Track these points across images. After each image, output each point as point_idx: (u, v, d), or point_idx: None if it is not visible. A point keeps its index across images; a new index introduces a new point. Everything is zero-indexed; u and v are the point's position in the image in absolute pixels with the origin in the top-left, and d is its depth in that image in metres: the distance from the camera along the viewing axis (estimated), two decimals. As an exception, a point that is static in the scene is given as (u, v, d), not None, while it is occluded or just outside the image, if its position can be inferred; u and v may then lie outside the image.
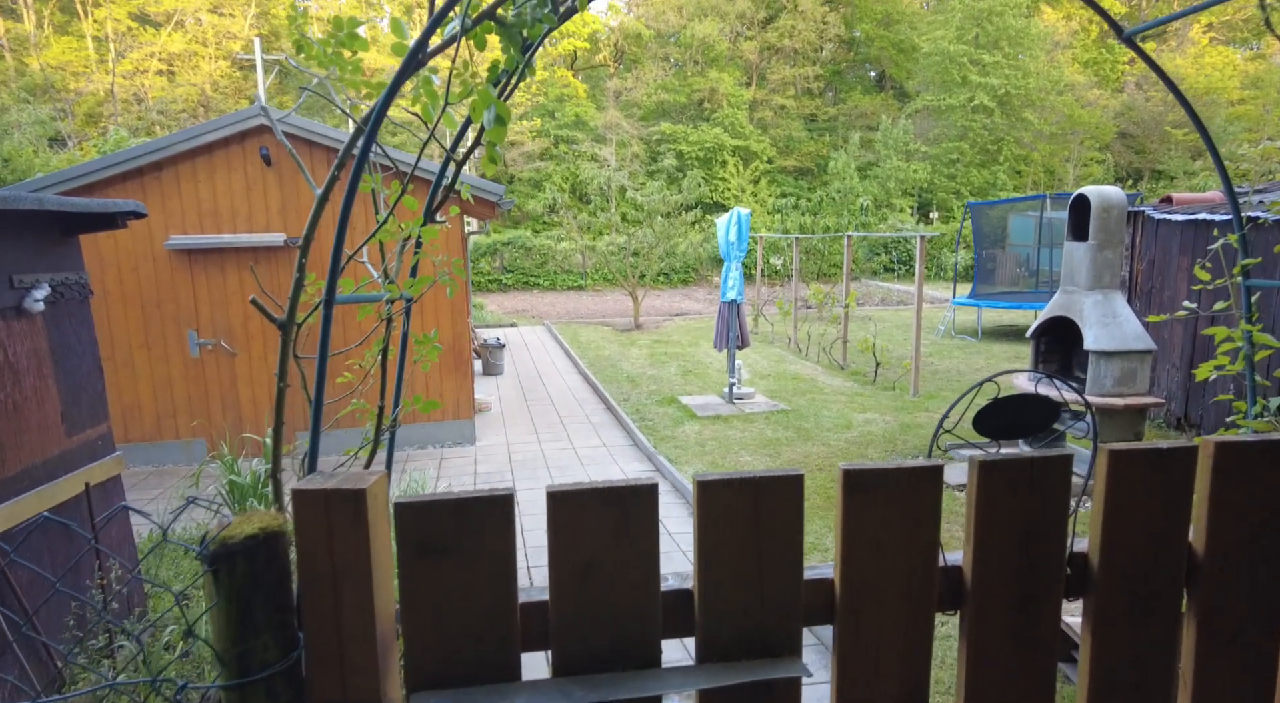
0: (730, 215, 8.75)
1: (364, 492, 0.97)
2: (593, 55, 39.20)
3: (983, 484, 1.13)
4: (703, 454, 7.26)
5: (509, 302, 22.87)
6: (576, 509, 1.05)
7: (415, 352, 1.61)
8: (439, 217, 1.47)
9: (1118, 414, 5.73)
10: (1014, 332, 15.26)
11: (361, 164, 1.09)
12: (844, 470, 1.09)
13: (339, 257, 1.12)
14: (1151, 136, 36.91)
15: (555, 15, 1.20)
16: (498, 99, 1.15)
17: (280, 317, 1.11)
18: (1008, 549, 1.15)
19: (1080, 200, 5.90)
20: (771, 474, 1.06)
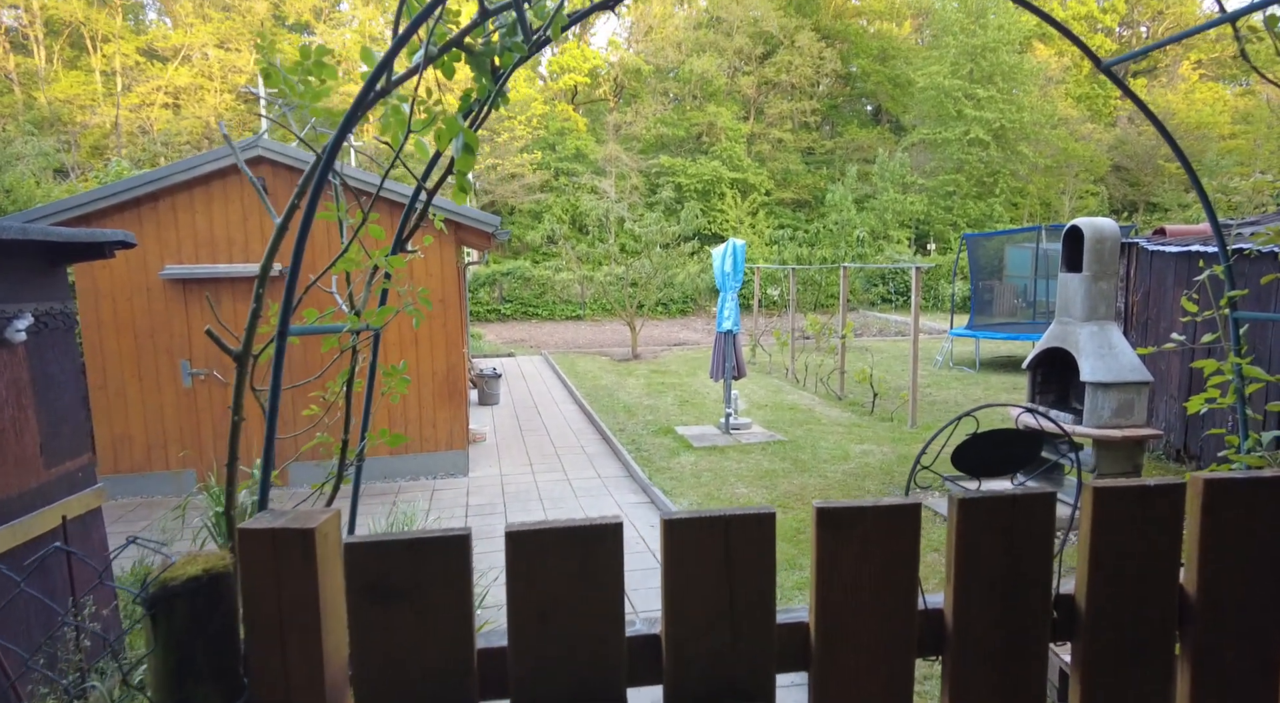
0: (725, 246, 8.78)
1: (313, 531, 0.93)
2: (593, 90, 39.80)
3: (963, 523, 1.08)
4: (698, 486, 7.18)
5: (508, 331, 22.88)
6: (536, 550, 1.00)
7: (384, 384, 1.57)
8: (410, 246, 1.45)
9: (1116, 446, 5.67)
10: (1012, 363, 15.23)
11: (317, 193, 1.06)
12: (818, 508, 1.05)
13: (294, 286, 1.08)
14: (1145, 169, 37.33)
15: (527, 45, 1.19)
16: (467, 128, 1.13)
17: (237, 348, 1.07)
18: (990, 591, 1.10)
19: (1074, 232, 5.92)
20: (742, 513, 1.02)
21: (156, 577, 0.92)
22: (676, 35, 38.06)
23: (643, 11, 40.45)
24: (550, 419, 10.72)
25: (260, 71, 1.18)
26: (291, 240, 1.17)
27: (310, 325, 1.28)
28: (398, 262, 1.37)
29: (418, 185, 1.35)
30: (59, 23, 32.07)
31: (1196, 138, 36.59)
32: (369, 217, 1.29)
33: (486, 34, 1.18)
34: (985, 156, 33.81)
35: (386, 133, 1.31)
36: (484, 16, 1.18)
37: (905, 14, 41.67)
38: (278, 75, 1.15)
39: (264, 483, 1.07)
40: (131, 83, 32.92)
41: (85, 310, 6.99)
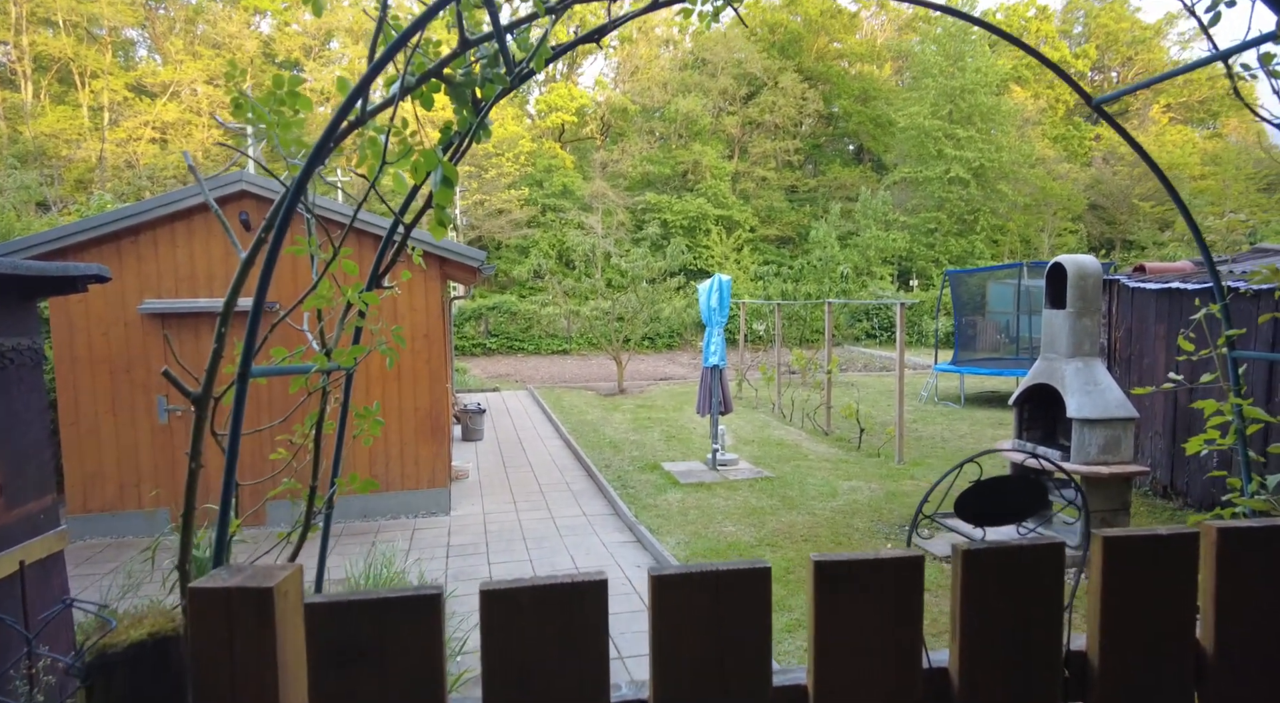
0: (712, 281, 8.79)
1: (270, 591, 0.85)
2: (580, 128, 40.34)
3: (968, 576, 1.02)
4: (685, 524, 7.06)
5: (493, 366, 22.74)
6: (512, 610, 0.93)
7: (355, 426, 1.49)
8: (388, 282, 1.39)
9: (1104, 483, 5.64)
10: (996, 398, 15.28)
11: (284, 226, 1.01)
12: (816, 562, 0.99)
13: (256, 325, 1.02)
14: (1121, 208, 38.17)
15: (509, 77, 1.16)
16: (446, 161, 1.09)
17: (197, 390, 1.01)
18: (998, 649, 1.03)
19: (1057, 269, 5.97)
20: (735, 568, 0.95)
21: (95, 643, 0.84)
22: (662, 76, 38.80)
23: (629, 52, 41.29)
24: (535, 455, 10.58)
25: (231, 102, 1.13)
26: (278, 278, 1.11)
27: (275, 366, 1.22)
28: (372, 298, 1.31)
29: (394, 219, 1.30)
30: (48, 58, 32.22)
31: (1170, 178, 37.38)
32: (340, 251, 1.24)
33: (467, 65, 1.15)
34: (966, 195, 34.44)
35: (362, 165, 1.26)
36: (465, 47, 1.14)
37: (885, 57, 42.81)
38: (247, 105, 1.10)
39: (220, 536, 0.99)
40: (118, 118, 33.01)
41: (59, 345, 6.84)
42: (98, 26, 33.50)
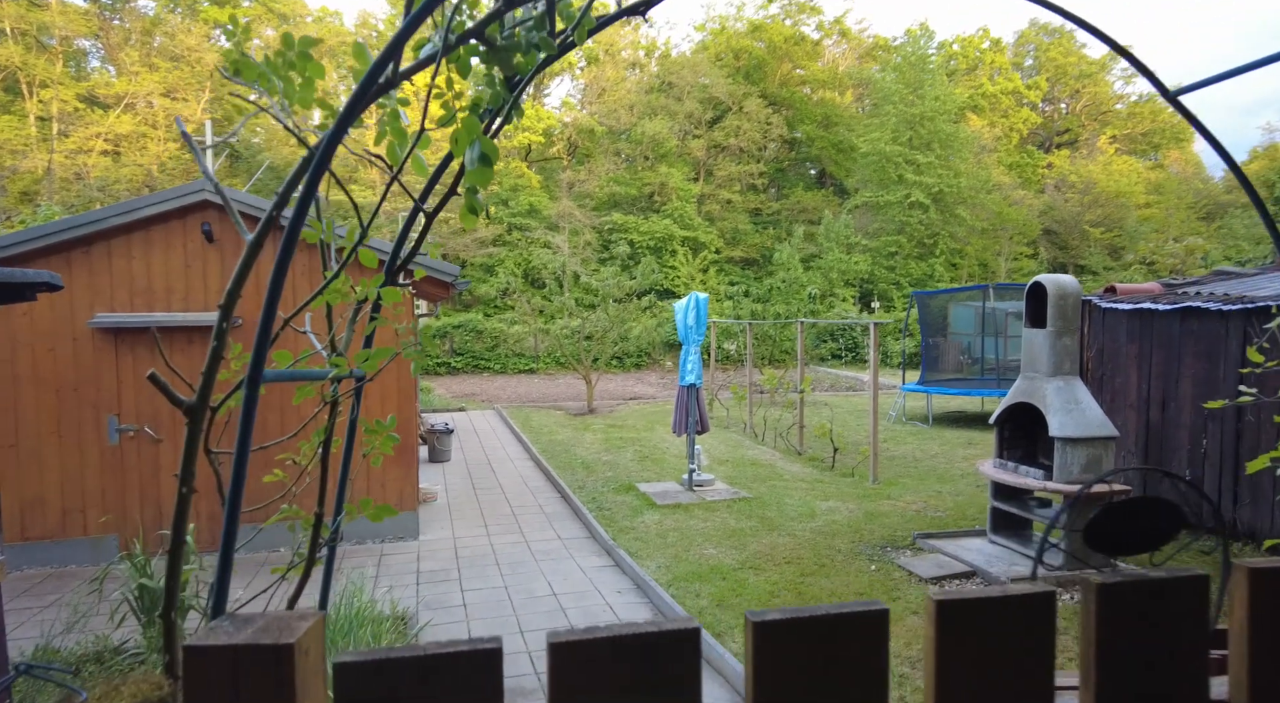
0: (688, 299, 8.70)
1: (290, 649, 0.68)
2: (547, 148, 40.31)
3: (1102, 615, 0.89)
4: (665, 547, 6.87)
5: (458, 385, 22.32)
6: (585, 665, 0.76)
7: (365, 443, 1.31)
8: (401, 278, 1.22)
9: (1087, 502, 5.63)
10: (963, 417, 15.45)
11: (306, 203, 0.85)
12: (936, 602, 0.84)
13: (270, 321, 0.85)
14: (1072, 234, 39.44)
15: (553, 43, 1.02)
16: (485, 136, 0.95)
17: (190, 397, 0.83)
18: (1135, 698, 0.90)
19: (1036, 288, 6.00)
20: (850, 611, 0.80)
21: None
22: (629, 98, 39.07)
23: (596, 74, 41.52)
24: (505, 477, 10.30)
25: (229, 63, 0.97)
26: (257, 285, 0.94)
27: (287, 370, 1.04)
28: (393, 294, 1.14)
29: (415, 206, 1.14)
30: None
31: (1117, 206, 38.99)
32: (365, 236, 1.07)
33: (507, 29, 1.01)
34: (925, 219, 35.20)
35: (380, 145, 1.11)
36: (510, 5, 1.00)
37: (847, 84, 43.78)
38: (253, 69, 0.94)
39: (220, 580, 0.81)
40: (69, 128, 31.96)
41: (0, 363, 6.42)
42: (48, 35, 32.49)
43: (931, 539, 6.73)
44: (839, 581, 5.90)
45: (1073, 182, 40.42)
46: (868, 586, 5.77)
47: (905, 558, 6.39)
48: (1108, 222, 39.12)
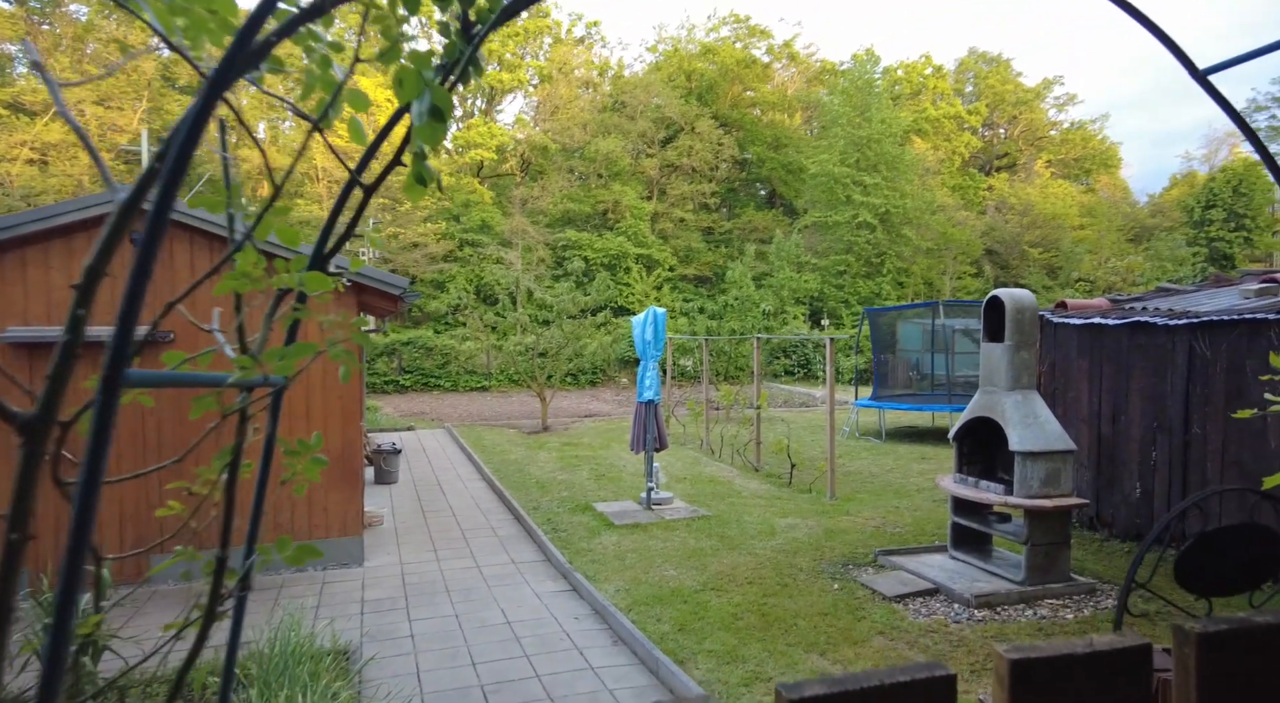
0: (646, 314, 8.55)
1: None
2: (499, 165, 40.00)
3: (1204, 669, 0.73)
4: (623, 569, 6.64)
5: (407, 404, 21.70)
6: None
7: (286, 467, 1.08)
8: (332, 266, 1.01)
9: (1047, 516, 5.63)
10: (914, 432, 15.63)
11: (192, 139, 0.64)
12: (1011, 662, 0.67)
13: (136, 301, 0.65)
14: (1013, 254, 40.81)
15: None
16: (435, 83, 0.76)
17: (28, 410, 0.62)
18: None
19: (994, 302, 6.02)
20: (904, 680, 0.63)
21: None
22: (582, 117, 39.09)
23: (549, 92, 41.47)
24: (456, 498, 9.92)
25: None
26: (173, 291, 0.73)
27: (168, 372, 0.82)
28: (320, 282, 0.93)
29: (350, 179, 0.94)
30: (-94, 70, 29.40)
31: (1054, 227, 40.54)
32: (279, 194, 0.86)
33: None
34: (873, 239, 35.96)
35: (310, 96, 0.91)
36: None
37: (796, 106, 44.67)
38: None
39: (49, 675, 0.58)
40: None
41: (-103, 379, 5.86)
42: (-31, 38, 30.93)
43: (893, 556, 6.65)
44: (803, 601, 5.77)
45: (1012, 204, 41.92)
46: (831, 606, 5.64)
47: (868, 576, 6.29)
48: (1045, 242, 40.62)
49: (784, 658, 4.77)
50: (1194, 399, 6.36)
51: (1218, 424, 6.20)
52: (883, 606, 5.63)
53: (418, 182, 0.87)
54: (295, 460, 1.01)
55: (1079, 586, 5.68)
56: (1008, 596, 5.53)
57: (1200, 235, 38.55)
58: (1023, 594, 5.54)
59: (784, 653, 4.85)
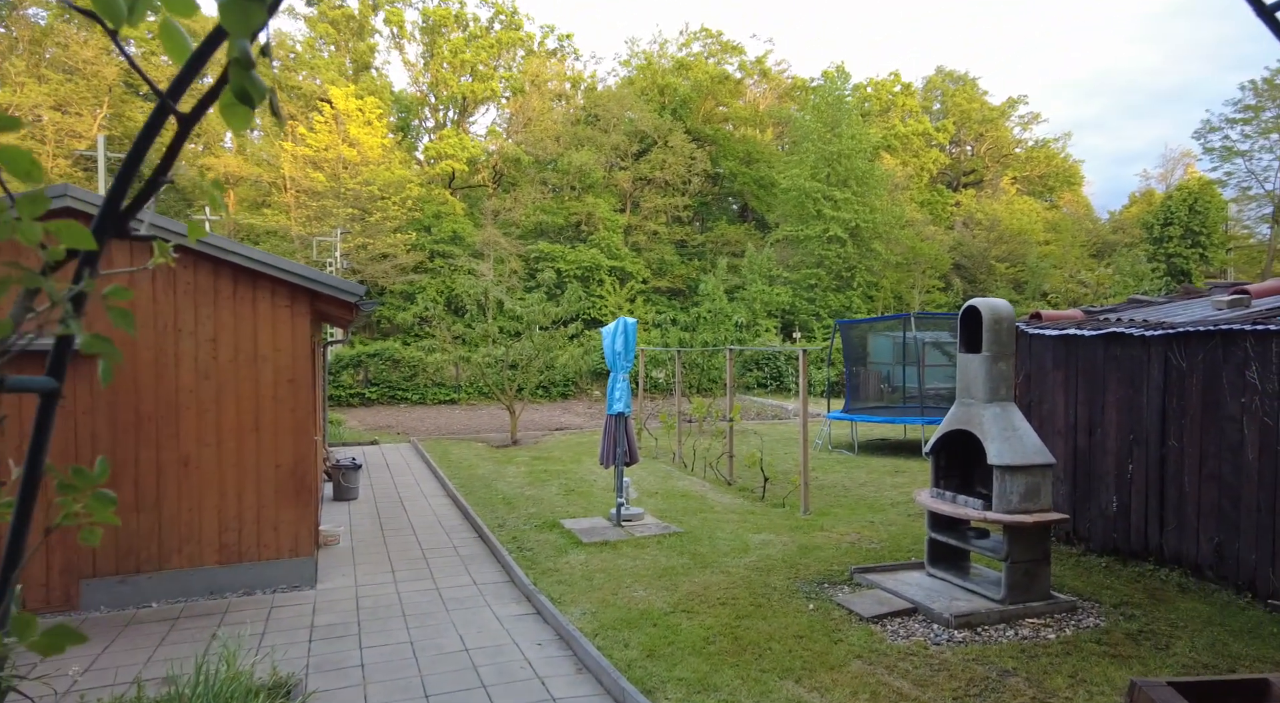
0: (616, 324, 8.31)
1: None
2: (471, 176, 39.63)
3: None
4: (591, 590, 6.35)
5: (372, 417, 21.16)
6: None
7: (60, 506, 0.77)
8: (139, 224, 0.74)
9: (1027, 532, 5.47)
10: (886, 445, 15.55)
11: None
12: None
13: None
14: (980, 268, 41.38)
15: None
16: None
17: None
18: None
19: (971, 312, 5.88)
20: None
21: None
22: (555, 129, 38.92)
23: (521, 104, 41.27)
24: (418, 516, 9.54)
25: None
26: None
27: None
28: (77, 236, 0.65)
29: (160, 104, 0.69)
30: None
31: (1020, 242, 41.23)
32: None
33: None
34: (843, 253, 36.20)
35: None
36: None
37: (767, 122, 45.00)
38: None
39: None
40: (-62, 140, 29.23)
41: None
42: (-83, 40, 29.87)
43: (869, 574, 6.45)
44: (777, 623, 5.52)
45: (979, 219, 42.56)
46: (807, 627, 5.40)
47: (844, 595, 6.08)
48: (1012, 257, 41.28)
49: (758, 685, 4.52)
50: (1170, 411, 6.28)
51: (1194, 437, 6.11)
52: (860, 627, 5.41)
53: (240, 100, 0.62)
54: (73, 497, 0.74)
55: (1060, 604, 5.52)
56: (988, 615, 5.35)
57: (1159, 251, 39.49)
58: (1003, 613, 5.36)
59: (758, 680, 4.59)
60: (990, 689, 4.36)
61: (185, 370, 6.32)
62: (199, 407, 6.35)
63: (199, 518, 6.40)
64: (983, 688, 4.38)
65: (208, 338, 6.37)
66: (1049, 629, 5.23)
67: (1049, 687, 4.39)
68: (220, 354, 6.40)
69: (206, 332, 6.37)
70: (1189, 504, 6.19)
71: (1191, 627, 5.28)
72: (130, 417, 6.19)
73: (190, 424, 6.32)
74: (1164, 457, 6.39)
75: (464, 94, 40.56)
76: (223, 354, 6.41)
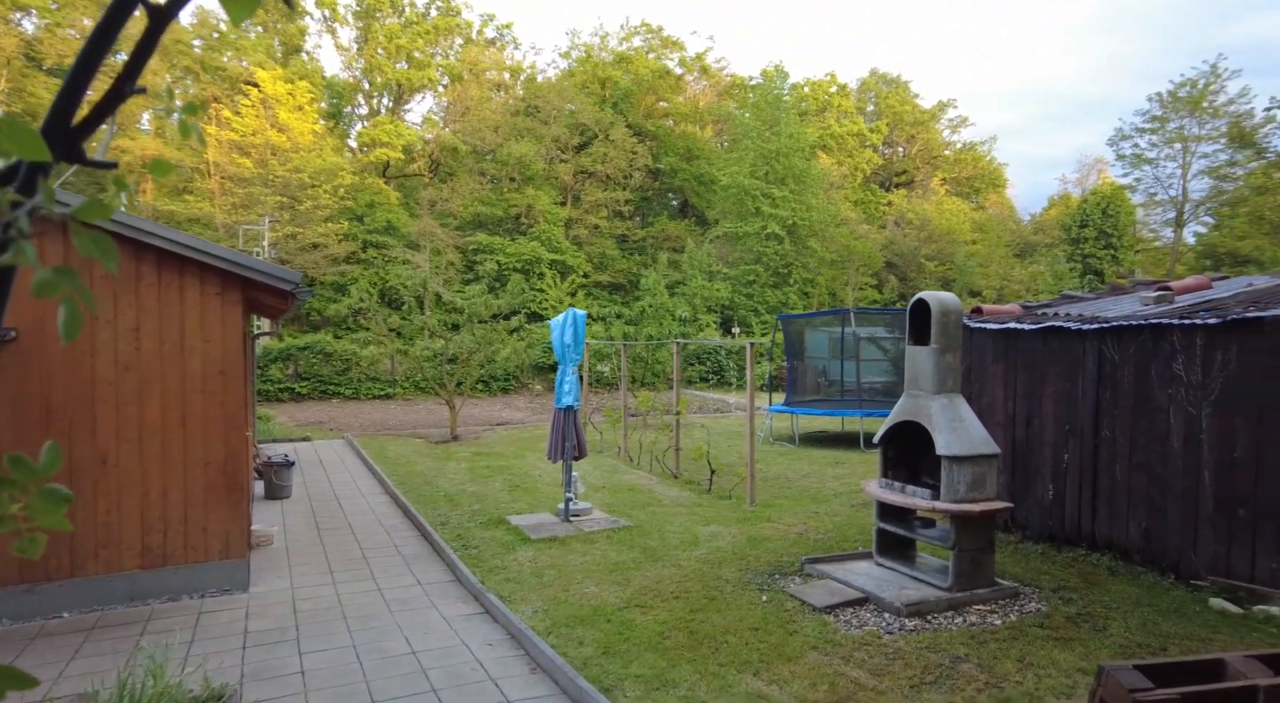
0: (566, 315, 8.15)
1: None
2: (407, 165, 38.55)
3: None
4: (541, 587, 6.20)
5: (303, 412, 20.34)
6: None
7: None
8: (99, 152, 0.61)
9: (973, 521, 5.60)
10: (825, 437, 15.84)
11: None
12: None
13: None
14: (910, 267, 42.70)
15: None
16: None
17: None
18: None
19: (920, 305, 5.98)
20: None
21: None
22: (494, 119, 38.20)
23: (459, 93, 40.36)
24: (356, 514, 9.18)
25: None
26: None
27: None
28: (32, 145, 0.51)
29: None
30: None
31: (948, 242, 42.71)
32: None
33: None
34: (780, 250, 36.77)
35: None
36: None
37: (707, 119, 45.28)
38: None
39: None
40: None
41: None
42: None
43: (819, 564, 6.51)
44: (732, 615, 5.50)
45: (910, 219, 43.90)
46: (762, 620, 5.40)
47: (795, 586, 6.11)
48: (940, 256, 42.72)
49: (717, 680, 4.48)
50: (1104, 403, 6.54)
51: (1126, 427, 6.39)
52: (814, 618, 5.44)
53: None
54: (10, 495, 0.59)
55: (1004, 590, 5.68)
56: (937, 603, 5.46)
57: (1076, 252, 41.54)
58: (951, 601, 5.48)
59: (716, 674, 4.55)
60: (945, 677, 4.43)
61: (103, 362, 5.87)
62: (119, 401, 5.91)
63: (118, 520, 5.97)
64: (937, 676, 4.45)
65: (129, 328, 5.93)
66: (995, 615, 5.37)
67: (999, 672, 4.49)
68: (143, 345, 5.97)
69: (127, 321, 5.93)
70: (1120, 492, 6.47)
71: (1124, 608, 5.51)
72: (38, 412, 5.71)
73: (109, 419, 5.88)
74: (1097, 447, 6.65)
75: (399, 81, 39.40)
76: (146, 345, 5.98)
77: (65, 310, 0.54)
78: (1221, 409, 5.77)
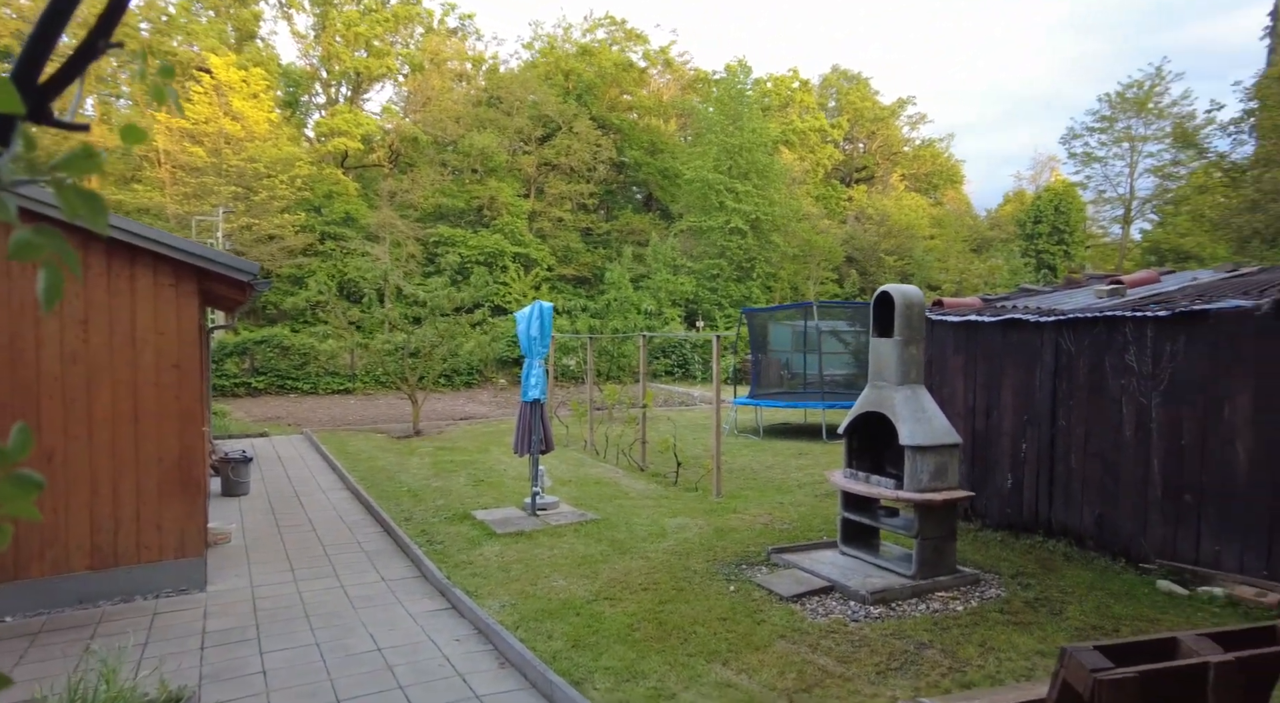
0: (532, 308, 8.08)
1: None
2: (366, 155, 37.80)
3: None
4: (508, 582, 6.16)
5: (260, 408, 19.86)
6: None
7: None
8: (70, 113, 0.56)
9: (936, 510, 5.71)
10: (789, 429, 16.02)
11: None
12: None
13: None
14: (870, 261, 43.37)
15: None
16: None
17: None
18: None
19: (884, 297, 6.07)
20: None
21: None
22: (456, 110, 37.65)
23: (420, 83, 39.67)
24: (316, 511, 9.00)
25: None
26: None
27: None
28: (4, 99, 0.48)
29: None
30: None
31: (907, 237, 43.47)
32: None
33: None
34: (744, 244, 37.01)
35: None
36: None
37: (671, 113, 45.29)
38: None
39: None
40: None
41: None
42: None
43: (785, 554, 6.58)
44: (700, 606, 5.53)
45: (870, 214, 44.56)
46: (730, 610, 5.44)
47: (762, 575, 6.16)
48: (900, 251, 43.46)
49: (686, 670, 4.50)
50: (1060, 393, 6.72)
51: (1081, 416, 6.58)
52: (780, 607, 5.50)
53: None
54: None
55: (965, 577, 5.81)
56: (901, 591, 5.56)
57: (1031, 247, 42.65)
58: (915, 588, 5.59)
59: (686, 664, 4.57)
60: (910, 663, 4.52)
61: (48, 355, 5.63)
62: (65, 395, 5.69)
63: (65, 519, 5.75)
64: (903, 662, 4.53)
65: (76, 319, 5.70)
66: (957, 601, 5.49)
67: (962, 657, 4.59)
68: (92, 337, 5.75)
69: (75, 312, 5.70)
70: (1075, 480, 6.67)
71: (1079, 592, 5.68)
72: (-20, 406, 5.46)
73: (55, 414, 5.65)
74: (1054, 436, 6.84)
75: (358, 69, 38.57)
76: (95, 337, 5.76)
77: (46, 276, 0.50)
78: (1170, 399, 5.98)
